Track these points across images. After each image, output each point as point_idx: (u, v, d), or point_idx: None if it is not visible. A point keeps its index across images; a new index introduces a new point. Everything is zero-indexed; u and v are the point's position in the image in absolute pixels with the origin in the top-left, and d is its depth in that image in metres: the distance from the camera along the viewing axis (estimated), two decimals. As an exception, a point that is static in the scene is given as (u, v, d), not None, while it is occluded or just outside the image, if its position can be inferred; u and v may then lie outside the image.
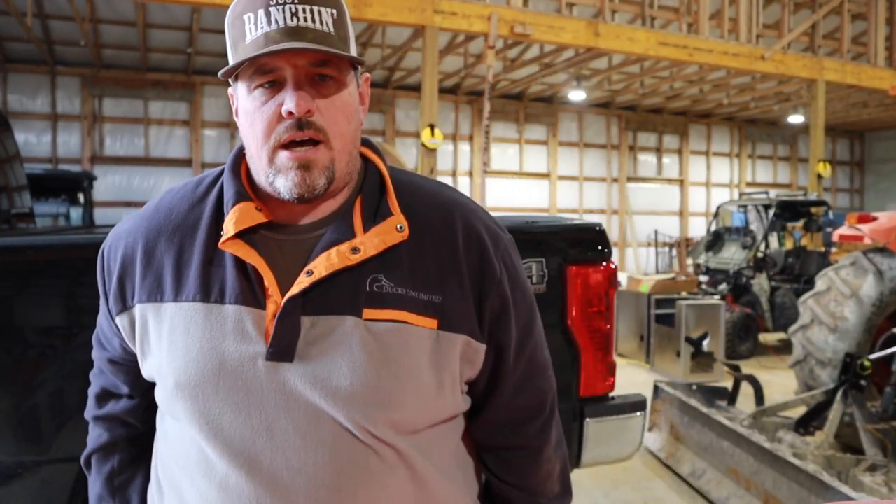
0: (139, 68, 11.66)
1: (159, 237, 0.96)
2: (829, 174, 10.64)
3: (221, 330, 0.89)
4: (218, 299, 0.90)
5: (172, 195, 1.01)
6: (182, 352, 0.90)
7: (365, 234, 0.91)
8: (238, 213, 0.92)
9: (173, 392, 0.91)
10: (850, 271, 4.46)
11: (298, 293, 0.88)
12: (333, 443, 0.88)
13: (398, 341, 0.89)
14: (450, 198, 1.01)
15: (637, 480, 3.94)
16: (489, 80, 8.07)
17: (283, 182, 0.89)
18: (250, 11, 0.88)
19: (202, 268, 0.92)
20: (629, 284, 7.64)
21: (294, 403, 0.88)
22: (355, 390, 0.87)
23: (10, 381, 1.64)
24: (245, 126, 0.92)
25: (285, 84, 0.88)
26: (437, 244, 0.94)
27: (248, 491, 0.88)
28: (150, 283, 0.95)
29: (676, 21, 9.84)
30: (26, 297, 1.68)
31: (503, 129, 14.13)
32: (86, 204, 7.57)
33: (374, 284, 0.90)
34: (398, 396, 0.89)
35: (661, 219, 15.65)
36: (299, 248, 0.93)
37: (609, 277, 2.12)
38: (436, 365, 0.92)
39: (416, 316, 0.91)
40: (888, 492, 3.04)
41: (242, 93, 0.91)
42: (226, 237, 0.91)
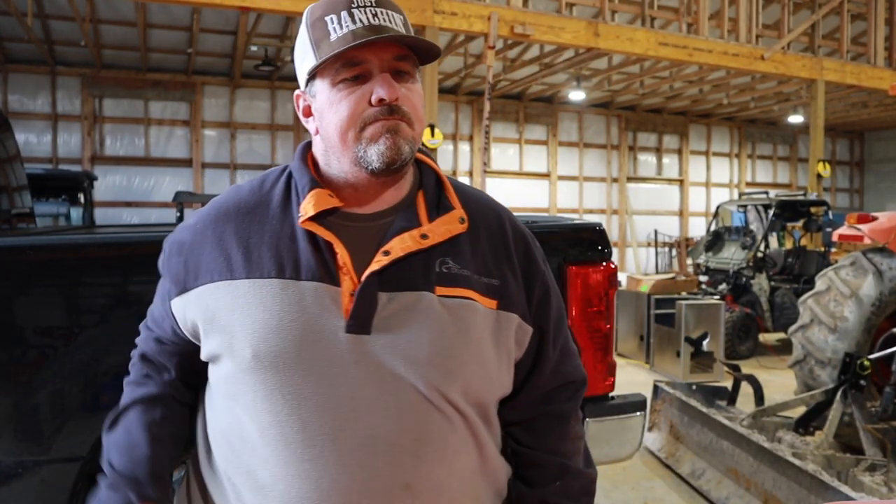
0: (139, 68, 11.66)
1: (228, 223, 1.03)
2: (829, 174, 10.64)
3: (300, 304, 0.95)
4: (293, 275, 0.97)
5: (238, 190, 1.09)
6: (260, 324, 0.95)
7: (431, 223, 1.01)
8: (315, 197, 0.99)
9: (251, 364, 0.95)
10: (850, 271, 4.46)
11: (378, 269, 0.96)
12: (413, 410, 0.94)
13: (468, 315, 0.99)
14: (495, 201, 1.16)
15: (637, 480, 3.94)
16: (489, 80, 8.07)
17: (375, 149, 0.96)
18: (332, 13, 0.97)
19: (275, 248, 0.99)
20: (629, 284, 7.64)
21: (375, 373, 0.94)
22: (433, 357, 0.95)
23: (10, 381, 1.64)
24: (327, 115, 0.99)
25: (370, 77, 0.97)
26: (491, 237, 1.06)
27: (331, 460, 0.92)
28: (220, 263, 1.00)
29: (676, 21, 9.83)
30: (26, 297, 1.68)
31: (503, 129, 14.13)
32: (86, 204, 7.57)
33: (443, 266, 1.00)
34: (470, 365, 0.98)
35: (661, 219, 15.65)
36: (368, 233, 1.01)
37: (609, 277, 2.12)
38: (496, 341, 1.02)
39: (479, 296, 1.01)
40: (888, 492, 3.04)
41: (323, 88, 0.99)
42: (304, 217, 0.98)
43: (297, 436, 0.93)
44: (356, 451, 0.92)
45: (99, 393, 1.68)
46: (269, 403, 0.94)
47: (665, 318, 6.73)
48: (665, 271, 14.55)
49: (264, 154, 12.68)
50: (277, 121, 12.70)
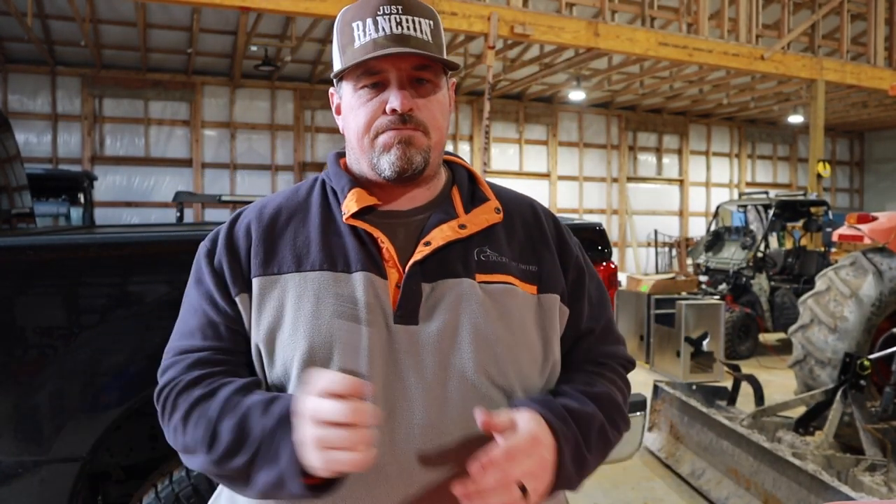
0: (139, 68, 11.66)
1: (272, 223, 1.06)
2: (829, 174, 10.64)
3: (352, 296, 0.98)
4: (344, 269, 1.00)
5: (272, 198, 1.12)
6: (313, 315, 0.97)
7: (467, 214, 1.05)
8: (357, 195, 1.03)
9: (306, 355, 0.96)
10: (850, 271, 4.46)
11: (420, 259, 1.00)
12: (461, 397, 0.96)
13: (509, 299, 1.02)
14: (526, 195, 1.20)
15: (637, 480, 3.94)
16: (489, 80, 8.07)
17: (387, 158, 1.00)
18: (359, 20, 1.01)
19: (323, 243, 1.02)
20: (629, 284, 7.64)
21: (424, 361, 0.96)
22: (479, 343, 0.97)
23: (10, 381, 1.64)
24: (349, 119, 1.04)
25: (388, 85, 1.00)
26: (526, 225, 1.11)
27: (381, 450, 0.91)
28: (269, 260, 1.03)
29: (676, 21, 9.84)
30: (26, 297, 1.68)
31: (503, 129, 14.14)
32: (86, 204, 7.56)
33: (481, 255, 1.03)
34: (515, 348, 1.00)
35: (661, 219, 15.65)
36: (408, 228, 1.04)
37: (609, 277, 2.12)
38: (541, 324, 1.04)
39: (519, 281, 1.04)
40: (888, 492, 3.04)
41: (348, 91, 1.04)
42: (349, 213, 1.02)
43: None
44: (405, 440, 0.94)
45: (99, 393, 1.68)
46: None
47: (665, 318, 6.72)
48: (665, 271, 14.55)
49: (264, 154, 12.67)
50: (277, 121, 12.70)
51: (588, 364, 1.11)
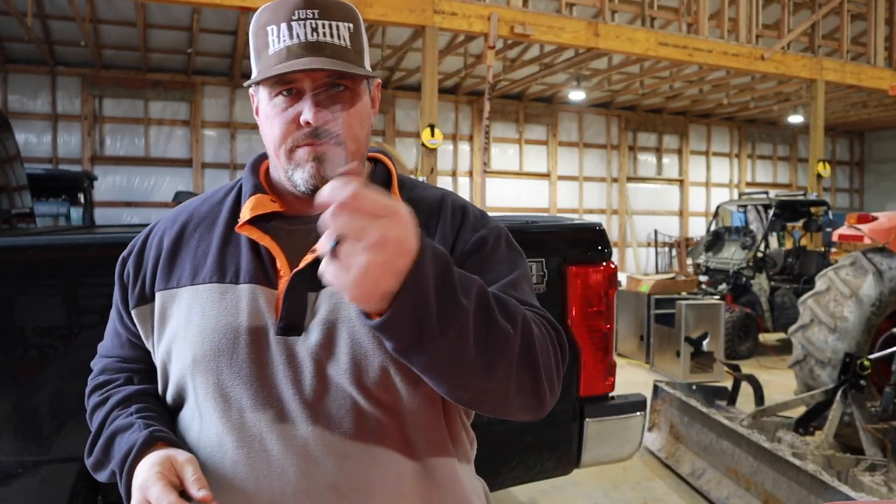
0: (139, 68, 11.66)
1: (181, 232, 1.06)
2: (829, 174, 10.64)
3: (236, 307, 0.97)
4: (233, 280, 0.99)
5: (195, 200, 1.13)
6: (199, 328, 0.97)
7: None
8: (254, 202, 1.02)
9: (191, 367, 0.97)
10: (850, 271, 4.46)
11: (304, 268, 0.96)
12: (340, 410, 0.93)
13: None
14: (445, 192, 1.12)
15: (637, 480, 3.94)
16: (489, 80, 8.07)
17: (301, 174, 0.97)
18: (273, 24, 0.96)
19: (218, 253, 1.01)
20: (629, 284, 7.64)
21: (302, 375, 0.94)
22: (356, 355, 0.93)
23: (10, 381, 1.64)
24: (265, 128, 1.01)
25: (303, 94, 0.96)
26: (427, 222, 1.03)
27: (259, 462, 0.93)
28: (171, 272, 1.03)
29: (676, 21, 9.84)
30: (26, 297, 1.68)
31: (503, 129, 14.13)
32: (86, 204, 7.57)
33: None
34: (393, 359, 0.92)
35: (661, 219, 15.64)
36: (309, 235, 0.98)
37: (609, 277, 2.12)
38: None
39: None
40: (888, 492, 3.04)
41: (263, 98, 1.00)
42: (242, 221, 1.00)
43: (228, 437, 0.94)
44: (283, 452, 0.92)
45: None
46: (206, 406, 0.96)
47: (665, 318, 6.72)
48: (665, 271, 14.55)
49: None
50: (277, 121, 12.67)
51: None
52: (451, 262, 0.80)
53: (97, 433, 1.04)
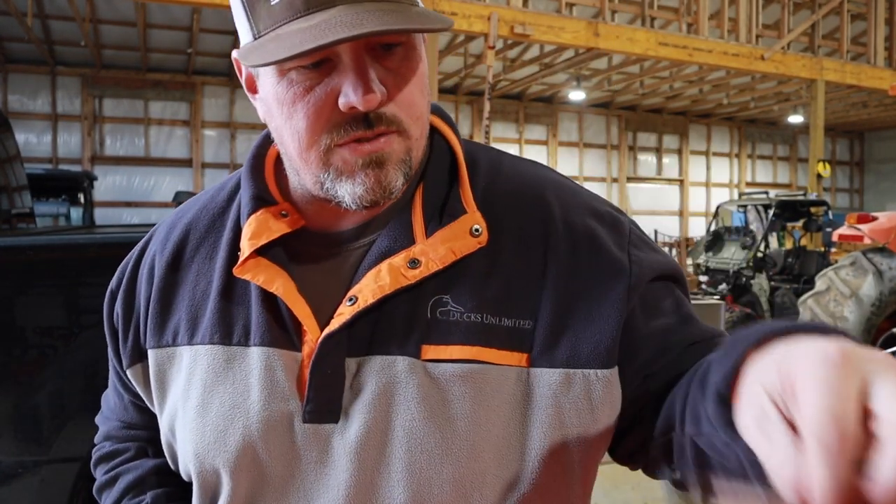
0: (139, 68, 11.66)
1: (176, 260, 0.75)
2: (829, 174, 10.64)
3: (245, 381, 0.67)
4: (241, 341, 0.68)
5: (193, 205, 0.80)
6: (198, 410, 0.69)
7: (427, 239, 0.66)
8: (255, 226, 0.68)
9: (192, 460, 0.69)
10: (850, 271, 4.46)
11: (339, 328, 0.64)
12: None
13: (472, 390, 0.64)
14: (541, 178, 0.74)
15: (637, 480, 3.94)
16: (489, 80, 8.07)
17: (349, 188, 0.63)
18: None
19: (221, 299, 0.70)
20: (629, 284, 7.62)
21: (339, 480, 0.65)
22: (414, 463, 0.63)
23: (10, 381, 1.64)
24: (278, 118, 0.64)
25: (337, 62, 0.60)
26: (525, 247, 0.68)
27: None
28: (166, 321, 0.74)
29: (676, 21, 9.84)
30: (26, 297, 1.68)
31: (503, 129, 14.13)
32: (86, 204, 7.57)
33: (439, 310, 0.65)
34: (474, 467, 0.64)
35: (661, 219, 15.64)
36: (343, 264, 0.69)
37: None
38: (531, 415, 0.65)
39: (496, 351, 0.65)
40: (888, 492, 3.04)
41: (268, 73, 0.63)
42: (242, 260, 0.68)
43: None
44: None
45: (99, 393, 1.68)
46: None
47: (665, 318, 6.71)
48: (665, 271, 14.53)
49: (264, 154, 12.67)
50: (277, 121, 12.69)
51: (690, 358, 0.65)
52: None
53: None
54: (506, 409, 0.64)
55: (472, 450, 0.63)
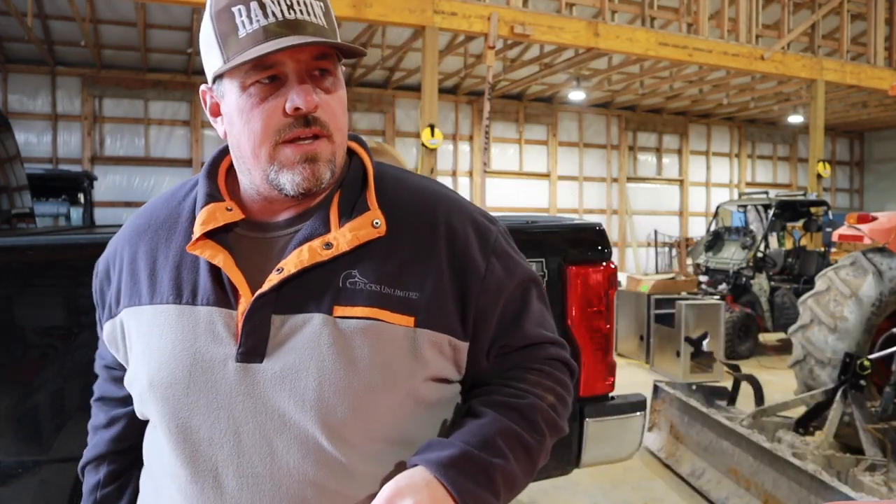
0: (139, 68, 11.66)
1: (139, 241, 0.98)
2: (829, 174, 10.64)
3: (193, 331, 0.88)
4: (190, 300, 0.90)
5: (155, 201, 1.03)
6: (156, 353, 0.89)
7: (340, 228, 0.89)
8: (206, 214, 0.91)
9: (147, 394, 0.90)
10: (850, 271, 4.45)
11: (268, 290, 0.86)
12: (300, 450, 0.84)
13: (370, 340, 0.86)
14: (434, 192, 0.98)
15: (637, 480, 3.94)
16: (489, 80, 8.07)
17: (290, 177, 0.87)
18: (240, 4, 0.85)
19: (175, 269, 0.92)
20: (629, 284, 7.64)
21: (262, 407, 0.85)
22: (323, 393, 0.84)
23: (10, 381, 1.64)
24: (238, 124, 0.88)
25: (285, 80, 0.86)
26: (415, 240, 0.92)
27: (211, 498, 0.85)
28: (132, 287, 0.95)
29: (676, 21, 9.83)
30: (26, 297, 1.68)
31: (503, 129, 14.13)
32: (86, 204, 7.56)
33: (347, 280, 0.88)
34: (369, 399, 0.85)
35: (661, 219, 15.64)
36: (274, 246, 0.91)
37: (609, 277, 2.12)
38: (412, 364, 0.88)
39: (389, 313, 0.87)
40: (888, 492, 3.04)
41: (232, 90, 0.87)
42: (194, 239, 0.90)
43: (181, 471, 0.87)
44: (238, 491, 0.84)
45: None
46: (163, 435, 0.89)
47: (665, 318, 6.72)
48: (665, 271, 14.55)
49: (264, 154, 12.67)
50: (277, 121, 12.68)
51: (508, 371, 0.97)
52: (473, 456, 0.83)
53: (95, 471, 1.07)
54: (395, 357, 0.87)
55: (368, 385, 0.85)
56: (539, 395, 0.94)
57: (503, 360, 0.97)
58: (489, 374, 0.96)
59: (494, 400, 0.92)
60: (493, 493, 0.84)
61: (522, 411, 0.91)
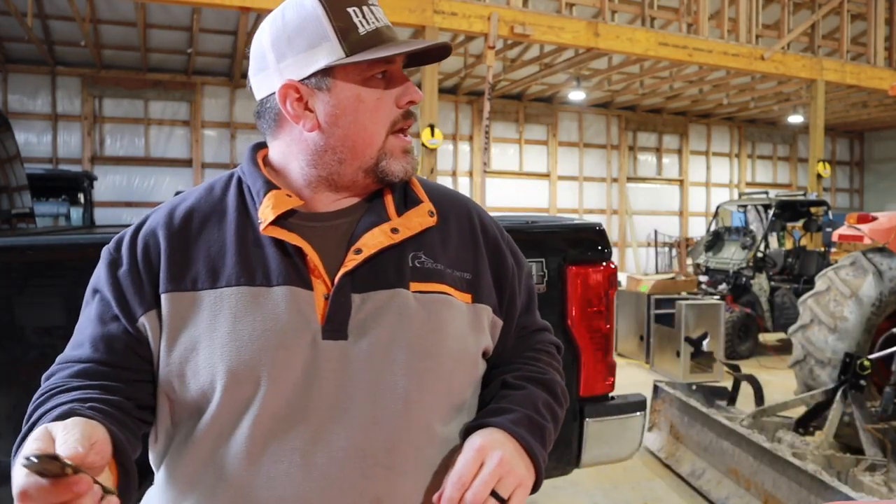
0: (139, 68, 11.66)
1: (184, 230, 0.96)
2: (829, 174, 10.64)
3: (274, 311, 0.89)
4: (264, 282, 0.91)
5: (188, 196, 1.02)
6: (230, 336, 0.88)
7: (399, 217, 0.98)
8: (273, 199, 0.94)
9: (224, 378, 0.87)
10: (850, 271, 4.45)
11: (351, 269, 0.92)
12: (389, 418, 0.89)
13: (445, 310, 0.95)
14: (462, 195, 1.13)
15: (637, 480, 3.94)
16: (489, 80, 8.07)
17: (399, 165, 0.97)
18: (354, 6, 0.93)
19: (239, 254, 0.93)
20: (629, 284, 7.64)
21: (353, 379, 0.89)
22: (415, 359, 0.91)
23: (10, 381, 1.64)
24: (351, 115, 0.94)
25: (393, 77, 0.96)
26: (461, 230, 1.04)
27: (298, 477, 0.86)
28: (181, 273, 0.93)
29: (676, 21, 9.83)
30: (26, 297, 1.68)
31: (503, 129, 14.13)
32: (86, 204, 7.56)
33: (416, 260, 0.96)
34: (450, 363, 0.94)
35: (661, 219, 15.64)
36: (334, 233, 0.96)
37: (609, 277, 2.12)
38: (475, 335, 0.99)
39: (454, 290, 0.98)
40: (888, 492, 3.04)
41: (347, 82, 0.93)
42: (266, 222, 0.92)
43: (267, 449, 0.86)
44: (326, 465, 0.86)
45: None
46: (239, 418, 0.87)
47: (665, 318, 6.72)
48: (665, 271, 14.55)
49: (264, 154, 12.67)
50: (277, 121, 12.68)
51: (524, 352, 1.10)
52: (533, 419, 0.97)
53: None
54: (466, 327, 0.98)
55: (450, 353, 0.94)
56: (556, 371, 1.10)
57: (521, 342, 1.10)
58: (509, 353, 1.08)
59: (525, 375, 1.04)
60: (545, 448, 0.97)
61: (548, 385, 1.05)
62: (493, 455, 0.88)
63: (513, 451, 0.90)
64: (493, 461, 0.87)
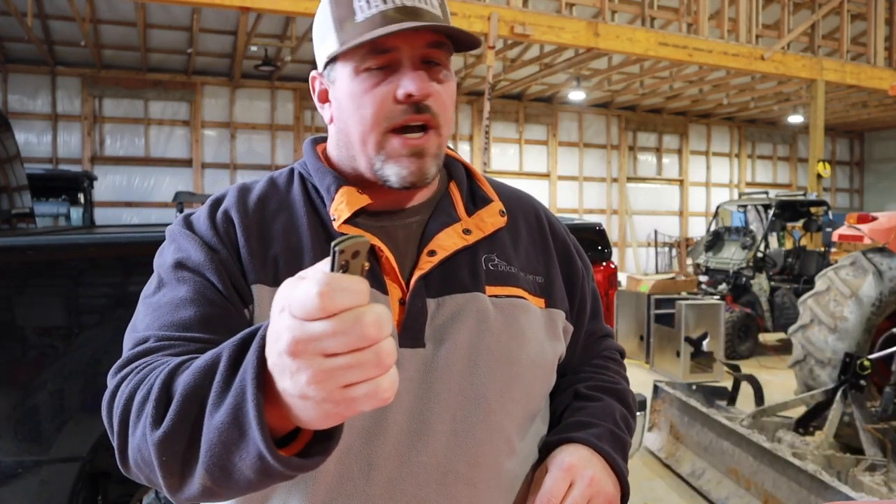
0: (139, 68, 11.66)
1: (260, 215, 0.89)
2: (829, 174, 10.64)
3: None
4: None
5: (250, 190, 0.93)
6: None
7: (470, 217, 0.92)
8: (346, 196, 0.86)
9: None
10: (850, 271, 4.45)
11: (427, 272, 0.85)
12: (470, 430, 0.83)
13: (522, 315, 0.90)
14: (528, 194, 1.07)
15: (637, 480, 3.94)
16: (489, 80, 8.07)
17: (395, 170, 0.84)
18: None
19: (314, 250, 0.85)
20: (629, 284, 7.64)
21: (432, 391, 0.82)
22: (496, 366, 0.85)
23: (11, 381, 1.64)
24: (348, 109, 0.85)
25: (398, 67, 0.83)
26: (530, 230, 0.98)
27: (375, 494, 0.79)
28: (264, 263, 0.85)
29: (676, 21, 9.83)
30: (26, 297, 1.68)
31: (503, 129, 14.14)
32: (86, 204, 7.56)
33: (489, 263, 0.91)
34: (529, 370, 0.89)
35: (661, 219, 15.65)
36: (406, 232, 0.90)
37: (609, 277, 2.12)
38: (552, 342, 0.94)
39: (528, 294, 0.92)
40: (888, 492, 3.04)
41: (344, 75, 0.85)
42: (341, 220, 0.85)
43: (334, 469, 0.78)
44: (405, 481, 0.79)
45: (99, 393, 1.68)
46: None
47: (665, 318, 6.72)
48: (665, 271, 14.55)
49: (264, 154, 12.68)
50: (277, 121, 12.70)
51: (592, 360, 1.06)
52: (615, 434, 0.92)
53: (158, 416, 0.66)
54: (542, 332, 0.92)
55: (530, 358, 0.89)
56: (624, 379, 1.06)
57: (588, 349, 1.06)
58: (578, 360, 1.04)
59: (599, 385, 1.00)
60: (626, 461, 0.92)
61: (622, 396, 1.01)
62: (583, 475, 0.84)
63: (601, 470, 0.86)
64: (583, 482, 0.83)
